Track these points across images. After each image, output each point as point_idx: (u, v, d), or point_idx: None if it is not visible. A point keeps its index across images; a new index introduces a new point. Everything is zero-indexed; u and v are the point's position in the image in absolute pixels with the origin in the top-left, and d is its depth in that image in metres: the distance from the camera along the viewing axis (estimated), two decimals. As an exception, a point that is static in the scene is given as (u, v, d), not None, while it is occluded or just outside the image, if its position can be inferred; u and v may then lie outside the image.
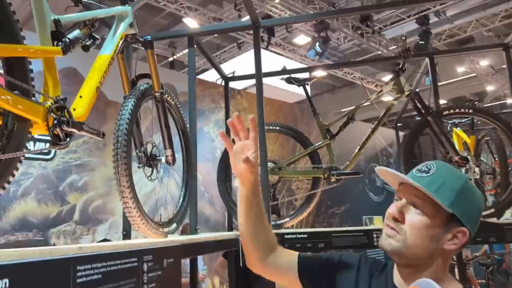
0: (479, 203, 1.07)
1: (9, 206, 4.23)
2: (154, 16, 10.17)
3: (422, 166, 1.09)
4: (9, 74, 1.14)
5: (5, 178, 1.08)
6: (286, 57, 11.25)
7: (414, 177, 1.06)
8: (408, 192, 1.07)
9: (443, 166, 1.09)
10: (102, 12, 1.70)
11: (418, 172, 1.08)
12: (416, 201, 1.05)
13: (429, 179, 1.04)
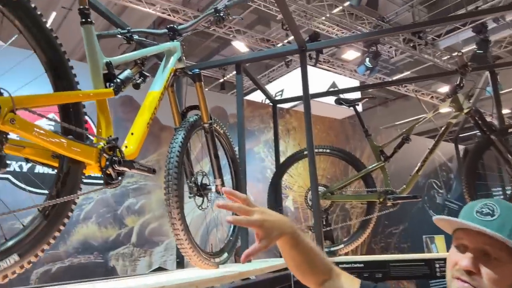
0: None
1: (73, 230, 4.45)
2: (204, 40, 10.50)
3: (482, 207, 0.99)
4: (64, 119, 1.19)
5: (61, 221, 1.12)
6: (335, 73, 11.13)
7: (480, 222, 0.95)
8: (475, 239, 0.96)
9: (505, 204, 0.99)
10: (151, 50, 1.76)
11: (480, 215, 0.97)
12: (489, 249, 0.94)
13: (497, 223, 0.94)
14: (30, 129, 1.00)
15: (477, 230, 0.94)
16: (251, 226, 0.98)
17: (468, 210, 1.00)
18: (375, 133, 8.52)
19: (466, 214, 1.00)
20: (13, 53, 1.30)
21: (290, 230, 1.06)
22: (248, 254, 0.95)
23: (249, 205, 1.02)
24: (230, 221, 0.97)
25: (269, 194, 3.04)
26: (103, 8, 2.21)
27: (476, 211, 0.98)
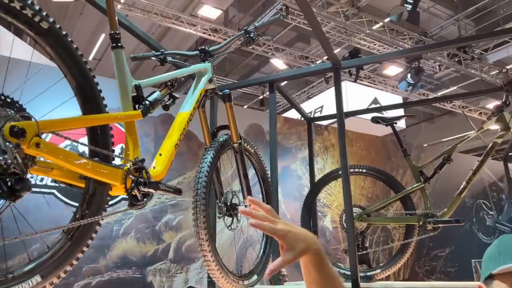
0: None
1: (112, 245, 4.57)
2: (245, 58, 10.67)
3: None
4: (92, 142, 1.22)
5: (85, 242, 1.14)
6: (377, 89, 10.90)
7: None
8: None
9: None
10: (182, 72, 1.78)
11: None
12: None
13: None
14: (55, 153, 1.03)
15: None
16: (274, 235, 0.92)
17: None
18: (419, 150, 8.21)
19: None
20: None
21: (316, 247, 0.95)
22: (272, 270, 0.90)
23: (273, 216, 0.97)
24: (253, 225, 0.89)
25: (303, 214, 2.98)
26: (140, 31, 2.29)
27: None
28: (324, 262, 0.98)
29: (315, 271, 0.97)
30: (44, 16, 1.12)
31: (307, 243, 0.93)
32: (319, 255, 0.96)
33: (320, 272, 0.97)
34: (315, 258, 0.95)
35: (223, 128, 2.07)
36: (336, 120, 2.59)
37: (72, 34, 8.41)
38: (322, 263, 0.97)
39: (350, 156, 7.26)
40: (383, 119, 2.89)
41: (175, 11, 7.39)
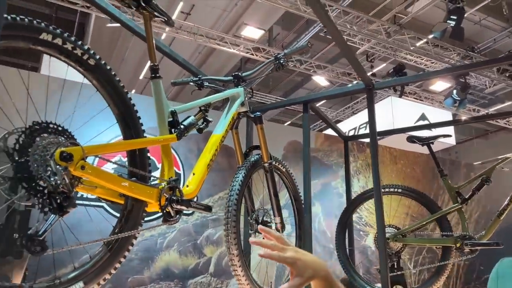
0: None
1: (156, 257, 4.78)
2: (289, 74, 10.82)
3: None
4: (131, 164, 1.37)
5: (122, 253, 1.27)
6: (425, 104, 10.61)
7: None
8: None
9: None
10: (216, 97, 1.92)
11: None
12: None
13: None
14: (98, 174, 1.18)
15: None
16: (283, 262, 0.99)
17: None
18: (468, 169, 7.89)
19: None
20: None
21: (324, 273, 1.00)
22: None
23: (283, 243, 1.04)
24: (262, 256, 0.99)
25: (338, 233, 3.00)
26: (180, 58, 2.47)
27: None
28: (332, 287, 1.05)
29: None
30: (92, 54, 1.29)
31: (315, 270, 0.98)
32: (327, 280, 1.01)
33: None
34: (324, 283, 1.00)
35: (255, 148, 2.18)
36: (369, 140, 2.62)
37: (126, 54, 8.96)
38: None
39: (394, 173, 7.16)
40: (419, 138, 2.87)
41: (220, 33, 7.70)
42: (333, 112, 13.13)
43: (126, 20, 2.20)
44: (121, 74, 9.61)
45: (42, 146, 1.07)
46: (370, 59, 9.49)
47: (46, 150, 1.07)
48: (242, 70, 10.80)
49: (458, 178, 7.10)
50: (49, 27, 1.16)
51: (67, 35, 1.21)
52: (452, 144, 11.20)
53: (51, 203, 1.06)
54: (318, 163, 6.42)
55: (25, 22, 1.09)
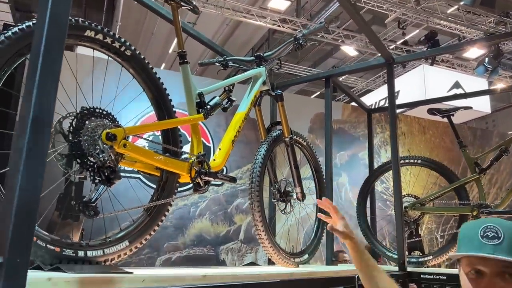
0: None
1: (190, 225, 5.10)
2: (317, 44, 10.74)
3: (486, 230, 1.05)
4: (165, 141, 1.57)
5: (160, 218, 1.49)
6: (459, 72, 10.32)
7: (491, 248, 1.02)
8: (491, 263, 1.04)
9: (505, 224, 1.06)
10: (239, 78, 2.08)
11: (487, 240, 1.04)
12: (508, 270, 1.02)
13: (507, 245, 1.01)
14: (137, 151, 1.38)
15: (502, 259, 1.01)
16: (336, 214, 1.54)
17: (471, 235, 1.08)
18: (501, 138, 7.73)
19: (471, 240, 1.07)
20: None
21: (357, 239, 1.52)
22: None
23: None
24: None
25: (359, 202, 3.15)
26: (206, 39, 2.62)
27: (480, 235, 1.05)
28: (361, 250, 1.51)
29: (354, 253, 1.50)
30: (128, 46, 1.47)
31: (352, 233, 1.50)
32: (358, 244, 1.51)
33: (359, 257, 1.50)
34: (356, 246, 1.50)
35: (277, 124, 2.33)
36: (389, 113, 2.71)
37: (155, 29, 9.12)
38: (359, 251, 1.50)
39: (422, 144, 7.16)
40: (439, 110, 2.94)
41: (246, 5, 7.73)
42: (364, 81, 12.99)
43: (153, 5, 2.36)
44: (150, 48, 9.86)
45: (91, 128, 1.27)
46: (402, 25, 9.26)
47: (94, 131, 1.27)
48: (269, 41, 10.79)
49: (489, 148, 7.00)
50: (92, 25, 1.34)
51: (107, 30, 1.39)
52: (487, 113, 10.91)
53: (100, 176, 1.27)
54: (345, 134, 6.50)
55: (73, 22, 1.27)
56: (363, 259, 1.51)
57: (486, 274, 1.05)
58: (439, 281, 2.32)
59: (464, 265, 1.10)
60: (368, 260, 1.52)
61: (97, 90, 1.56)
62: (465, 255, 1.09)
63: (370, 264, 1.51)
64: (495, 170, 6.86)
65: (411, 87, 10.47)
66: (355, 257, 1.53)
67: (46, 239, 1.13)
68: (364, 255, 1.52)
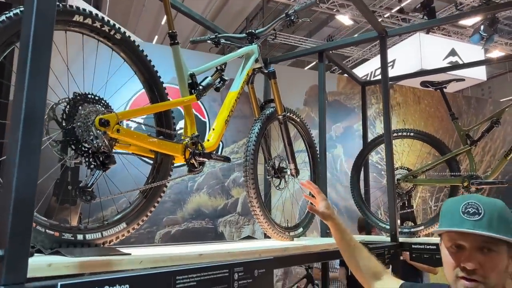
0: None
1: (188, 199, 5.18)
2: (312, 13, 10.57)
3: (467, 207, 1.10)
4: (158, 124, 1.59)
5: (156, 199, 1.53)
6: (454, 39, 10.24)
7: (472, 223, 1.07)
8: (471, 238, 1.08)
9: (485, 201, 1.10)
10: (231, 57, 2.07)
11: (468, 216, 1.08)
12: (486, 245, 1.07)
13: (486, 221, 1.06)
14: (131, 135, 1.40)
15: (481, 234, 1.05)
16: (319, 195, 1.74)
17: (452, 211, 1.12)
18: (495, 107, 7.75)
19: (453, 216, 1.12)
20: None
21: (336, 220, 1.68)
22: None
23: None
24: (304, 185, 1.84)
25: (352, 175, 3.20)
26: (198, 16, 2.59)
27: (462, 211, 1.10)
28: (343, 230, 1.66)
29: (336, 234, 1.65)
30: (117, 29, 1.46)
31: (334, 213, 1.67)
32: (340, 223, 1.66)
33: (340, 237, 1.64)
34: (337, 225, 1.65)
35: (270, 101, 2.34)
36: (381, 86, 2.72)
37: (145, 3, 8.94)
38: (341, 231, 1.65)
39: (417, 114, 7.19)
40: (432, 83, 2.95)
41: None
42: (360, 50, 12.87)
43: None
44: (142, 21, 9.68)
45: (84, 114, 1.29)
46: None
47: (87, 118, 1.29)
48: (264, 10, 10.58)
49: (484, 117, 7.04)
50: (80, 9, 1.33)
51: (96, 14, 1.38)
52: (482, 80, 10.90)
53: (95, 161, 1.29)
54: (340, 106, 6.51)
55: (60, 7, 1.26)
56: (344, 239, 1.64)
57: (466, 248, 1.09)
58: (429, 251, 2.40)
59: (445, 240, 1.15)
60: (350, 240, 1.64)
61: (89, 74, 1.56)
62: (447, 230, 1.13)
63: (351, 244, 1.62)
64: (488, 139, 6.92)
65: (407, 56, 10.41)
66: (336, 237, 1.67)
67: (45, 224, 1.16)
68: (345, 235, 1.65)
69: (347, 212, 5.97)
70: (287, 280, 5.60)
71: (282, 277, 5.60)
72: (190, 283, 1.01)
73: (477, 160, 6.94)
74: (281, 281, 5.59)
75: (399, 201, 2.87)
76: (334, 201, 6.07)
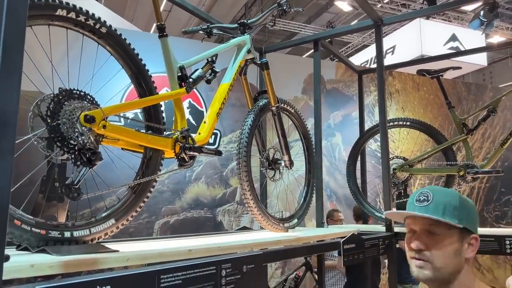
0: (474, 210, 1.23)
1: (186, 188, 5.18)
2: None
3: (419, 195, 1.21)
4: (147, 119, 1.57)
5: (145, 195, 1.52)
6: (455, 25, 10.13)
7: (420, 209, 1.18)
8: (419, 222, 1.19)
9: (437, 190, 1.20)
10: (222, 48, 2.04)
11: (419, 203, 1.19)
12: (431, 228, 1.17)
13: (433, 207, 1.16)
14: (117, 131, 1.38)
15: (419, 216, 1.18)
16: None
17: (410, 201, 1.24)
18: (495, 93, 7.69)
19: (409, 204, 1.24)
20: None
21: None
22: None
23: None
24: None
25: (348, 165, 3.19)
26: (191, 6, 2.55)
27: (415, 199, 1.21)
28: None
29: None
30: (103, 23, 1.43)
31: None
32: None
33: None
34: None
35: (264, 92, 2.32)
36: (377, 74, 2.69)
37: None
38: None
39: (416, 101, 7.16)
40: (428, 72, 2.91)
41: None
42: (360, 36, 12.75)
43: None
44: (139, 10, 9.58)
45: (69, 111, 1.27)
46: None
47: (72, 114, 1.27)
48: None
49: (484, 103, 6.99)
50: (63, 3, 1.30)
51: (79, 8, 1.35)
52: (483, 66, 10.81)
53: (82, 158, 1.28)
54: (338, 94, 6.47)
55: (42, 2, 1.24)
56: None
57: (416, 232, 1.20)
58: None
59: (405, 227, 1.27)
60: None
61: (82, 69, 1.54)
62: (391, 212, 1.41)
63: None
64: (488, 125, 6.89)
65: (407, 42, 10.32)
66: None
67: (30, 222, 1.16)
68: None
69: (346, 200, 5.98)
70: (286, 268, 5.63)
71: (281, 265, 5.63)
72: (175, 281, 1.01)
73: (477, 147, 6.93)
74: (280, 268, 5.62)
75: (395, 191, 2.87)
76: (333, 189, 6.07)
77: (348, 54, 12.27)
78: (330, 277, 4.61)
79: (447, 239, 1.16)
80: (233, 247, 1.52)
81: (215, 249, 1.44)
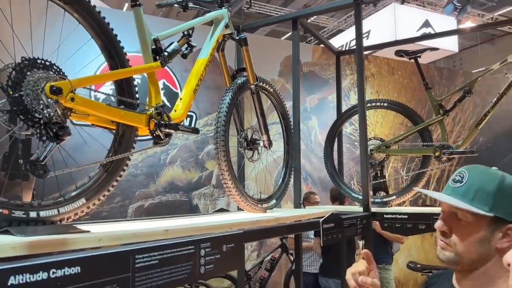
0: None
1: (161, 172, 5.08)
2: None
3: (455, 175, 1.14)
4: (119, 93, 1.47)
5: (118, 173, 1.43)
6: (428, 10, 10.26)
7: (451, 189, 1.11)
8: (446, 204, 1.12)
9: (475, 170, 1.11)
10: (198, 21, 1.95)
11: (453, 183, 1.13)
12: (456, 212, 1.10)
13: (464, 190, 1.08)
14: (87, 104, 1.29)
15: (444, 201, 1.10)
16: None
17: (450, 179, 1.17)
18: (466, 78, 7.86)
19: (448, 183, 1.16)
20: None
21: None
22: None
23: None
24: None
25: (326, 146, 3.17)
26: (164, -22, 2.42)
27: (452, 179, 1.14)
28: None
29: None
30: (69, -13, 1.32)
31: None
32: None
33: None
34: None
35: (242, 70, 2.25)
36: (356, 56, 2.66)
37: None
38: None
39: (391, 85, 7.22)
40: (406, 52, 2.91)
41: None
42: (335, 21, 12.75)
43: None
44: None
45: (33, 81, 1.17)
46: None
47: (36, 85, 1.17)
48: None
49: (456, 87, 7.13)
50: (23, -37, 1.19)
51: (42, -30, 1.24)
52: (454, 51, 11.02)
53: (48, 133, 1.18)
54: (315, 77, 6.44)
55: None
56: None
57: (444, 214, 1.14)
58: (400, 220, 2.42)
59: None
60: None
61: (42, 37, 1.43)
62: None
63: None
64: (458, 109, 7.04)
65: (382, 27, 10.39)
66: None
67: (-9, 202, 1.07)
68: None
69: (321, 183, 6.01)
70: (262, 250, 5.64)
71: (257, 247, 5.64)
72: (151, 261, 0.95)
73: (448, 131, 7.10)
74: (256, 251, 5.63)
75: (372, 172, 2.87)
76: (309, 172, 6.09)
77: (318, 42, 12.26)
78: (306, 258, 4.65)
79: (473, 225, 1.07)
80: (211, 227, 1.47)
81: (193, 229, 1.38)
